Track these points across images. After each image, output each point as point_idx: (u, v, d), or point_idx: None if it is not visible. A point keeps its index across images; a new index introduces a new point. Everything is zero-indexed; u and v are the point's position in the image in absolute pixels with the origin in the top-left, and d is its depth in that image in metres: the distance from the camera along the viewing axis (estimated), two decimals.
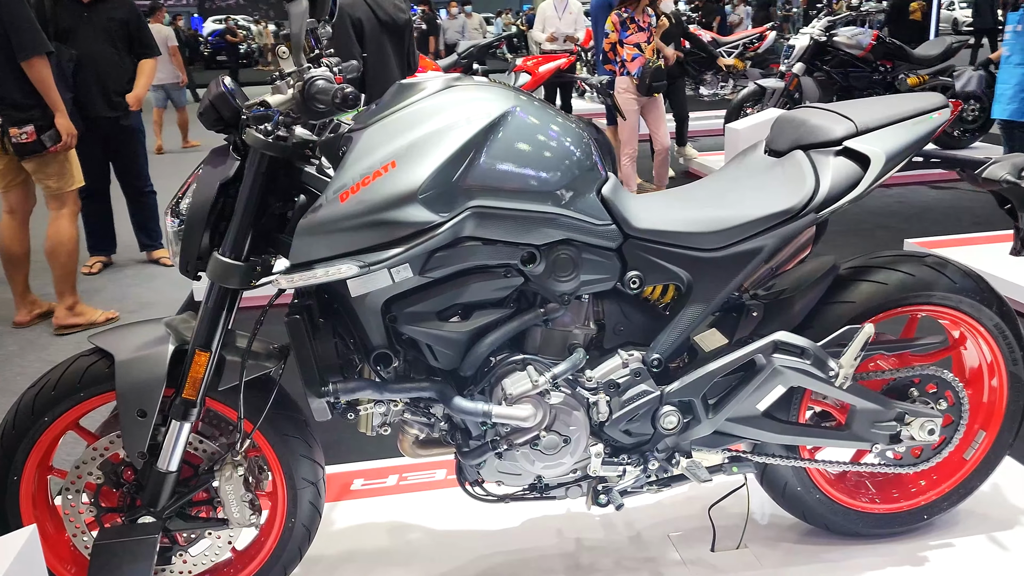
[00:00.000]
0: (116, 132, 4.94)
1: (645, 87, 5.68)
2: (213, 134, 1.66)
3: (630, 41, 5.71)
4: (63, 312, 4.27)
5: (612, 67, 5.86)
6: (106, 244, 5.32)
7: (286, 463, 1.88)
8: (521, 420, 1.74)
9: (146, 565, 1.70)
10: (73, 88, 4.57)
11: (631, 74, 5.72)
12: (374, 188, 1.58)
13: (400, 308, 1.71)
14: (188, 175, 1.74)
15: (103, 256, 5.33)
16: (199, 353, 1.70)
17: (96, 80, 4.75)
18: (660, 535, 2.23)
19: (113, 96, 4.82)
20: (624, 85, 5.80)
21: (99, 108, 4.77)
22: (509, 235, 1.68)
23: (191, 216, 1.65)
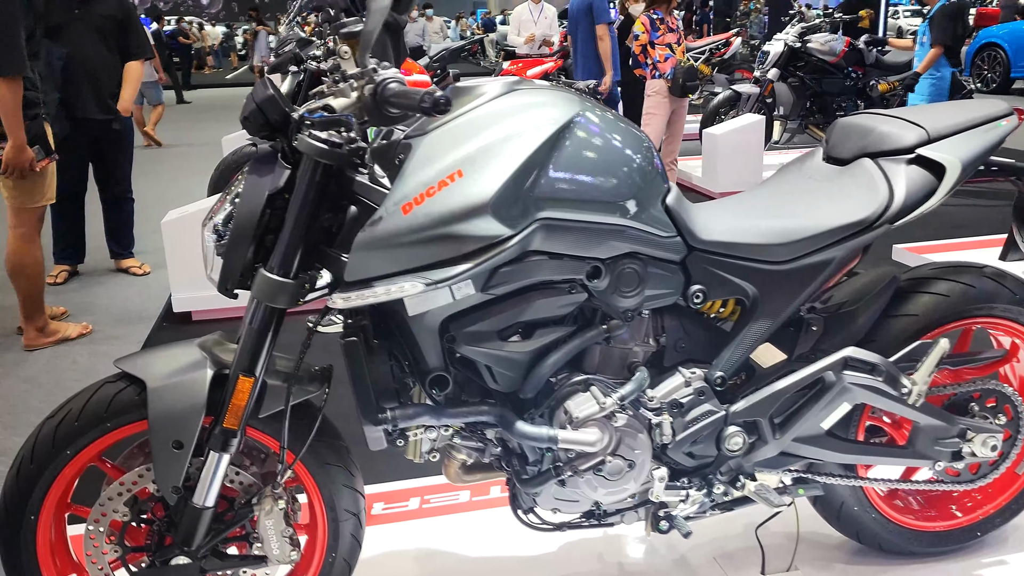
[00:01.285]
0: (106, 135, 4.71)
1: (679, 88, 5.59)
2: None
3: (661, 42, 5.62)
4: (33, 333, 4.02)
5: (642, 71, 5.76)
6: (74, 253, 5.06)
7: (327, 494, 1.75)
8: (588, 445, 1.64)
9: None
10: (61, 88, 4.34)
11: (664, 76, 5.63)
12: (440, 199, 1.47)
13: (459, 327, 1.60)
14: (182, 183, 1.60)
15: (69, 265, 5.07)
16: (242, 379, 1.57)
17: (88, 80, 4.53)
18: (705, 557, 2.15)
19: (107, 98, 4.59)
20: (656, 88, 5.69)
21: (90, 110, 4.55)
22: (576, 248, 1.58)
23: (237, 230, 1.51)
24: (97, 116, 4.60)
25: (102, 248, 5.28)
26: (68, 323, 4.21)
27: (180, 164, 9.19)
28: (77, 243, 5.02)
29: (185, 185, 7.97)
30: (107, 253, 5.27)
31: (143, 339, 4.16)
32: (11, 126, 3.55)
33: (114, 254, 5.22)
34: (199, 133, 11.42)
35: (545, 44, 8.04)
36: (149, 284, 5.07)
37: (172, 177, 8.42)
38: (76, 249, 5.03)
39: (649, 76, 5.72)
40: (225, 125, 10.59)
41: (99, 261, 5.29)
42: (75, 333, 4.16)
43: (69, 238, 4.96)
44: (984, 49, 12.71)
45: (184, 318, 4.37)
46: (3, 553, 1.63)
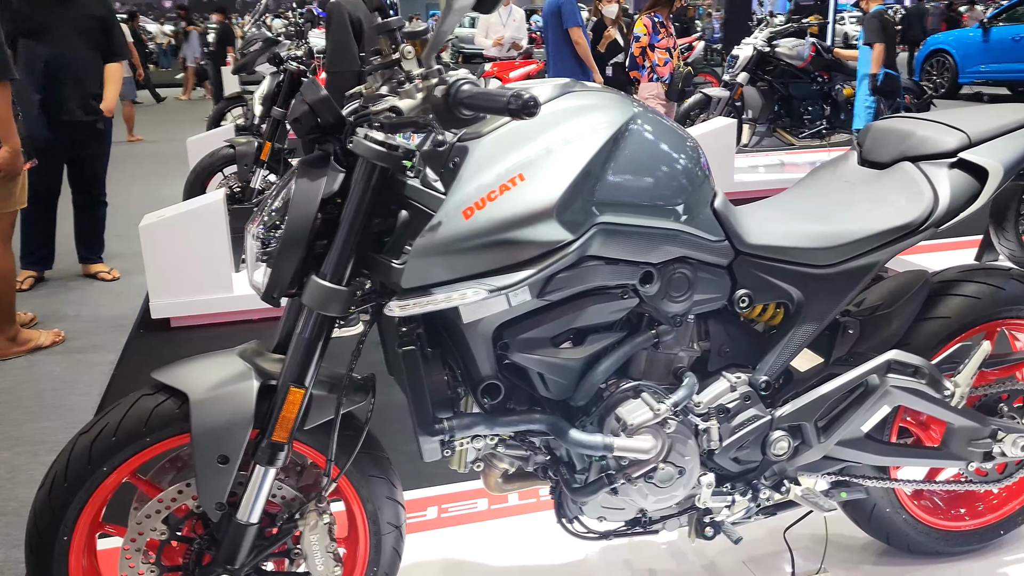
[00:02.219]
0: (87, 136, 4.55)
1: (676, 92, 5.61)
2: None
3: (661, 46, 5.62)
4: (4, 343, 3.86)
5: (637, 73, 5.74)
6: (43, 258, 4.87)
7: (371, 507, 1.70)
8: (643, 452, 1.62)
9: None
10: (43, 89, 4.18)
11: (662, 79, 5.63)
12: (503, 204, 1.44)
13: (513, 334, 1.56)
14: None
15: (36, 271, 4.88)
16: (293, 390, 1.51)
17: (71, 81, 4.37)
18: (734, 562, 2.15)
19: (90, 99, 4.44)
20: (652, 91, 5.69)
21: (74, 112, 4.40)
22: (631, 253, 1.56)
23: (289, 235, 1.46)
24: (81, 117, 4.45)
25: (69, 253, 5.11)
26: (40, 331, 4.05)
27: (144, 166, 8.96)
28: (47, 248, 4.84)
29: (153, 187, 7.78)
30: (74, 258, 5.10)
31: (121, 347, 4.03)
32: (6, 131, 3.41)
33: (83, 259, 5.05)
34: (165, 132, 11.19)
35: (514, 47, 8.03)
36: (119, 290, 4.91)
37: (137, 179, 8.20)
38: (45, 255, 4.85)
39: (646, 79, 5.73)
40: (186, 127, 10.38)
41: (67, 267, 5.12)
42: (48, 341, 4.00)
43: (38, 243, 4.77)
44: (933, 55, 13.09)
45: (162, 325, 4.25)
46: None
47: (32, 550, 1.54)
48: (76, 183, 4.82)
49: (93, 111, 4.54)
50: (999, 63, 12.06)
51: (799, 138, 7.28)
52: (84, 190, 4.83)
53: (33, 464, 2.95)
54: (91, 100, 4.53)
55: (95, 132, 4.61)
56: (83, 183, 4.82)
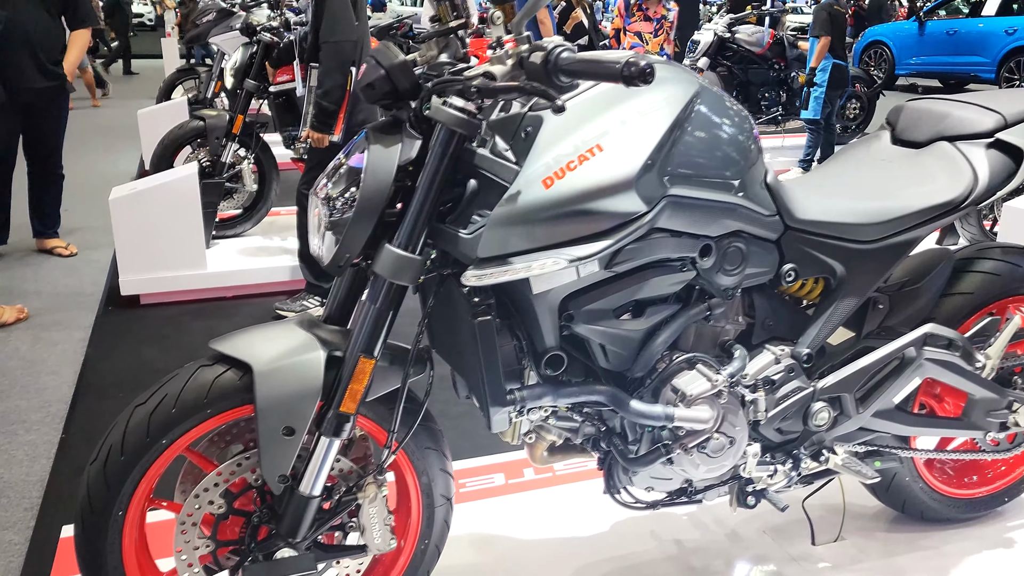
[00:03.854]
0: (43, 104, 4.34)
1: None
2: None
3: (632, 28, 5.53)
4: None
5: None
6: None
7: (425, 479, 1.69)
8: (702, 422, 1.65)
9: None
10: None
11: None
12: (582, 174, 1.43)
13: (578, 305, 1.57)
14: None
15: None
16: (363, 360, 1.48)
17: (26, 47, 4.15)
18: (755, 531, 2.21)
19: (47, 64, 4.22)
20: None
21: (29, 78, 4.18)
22: (695, 226, 1.58)
23: (364, 202, 1.43)
24: (38, 84, 4.25)
25: (23, 227, 4.88)
26: (3, 307, 3.87)
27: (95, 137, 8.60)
28: (1, 221, 4.60)
29: (104, 160, 7.49)
30: (28, 233, 4.88)
31: (89, 324, 3.88)
32: None
33: (37, 233, 4.83)
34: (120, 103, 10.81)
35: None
36: (77, 265, 4.73)
37: (87, 151, 7.87)
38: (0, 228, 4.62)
39: None
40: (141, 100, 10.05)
41: (20, 241, 4.89)
42: (12, 318, 3.83)
43: None
44: (871, 47, 13.49)
45: (131, 301, 4.11)
46: (85, 556, 1.49)
47: (84, 527, 1.48)
48: (32, 155, 4.60)
49: (54, 76, 4.33)
50: (933, 56, 12.51)
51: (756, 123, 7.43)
52: (40, 162, 4.62)
53: (13, 444, 2.83)
54: (49, 66, 4.33)
55: (54, 100, 4.41)
56: (39, 155, 4.60)
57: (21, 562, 2.22)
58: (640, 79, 1.18)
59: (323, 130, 3.56)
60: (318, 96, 3.51)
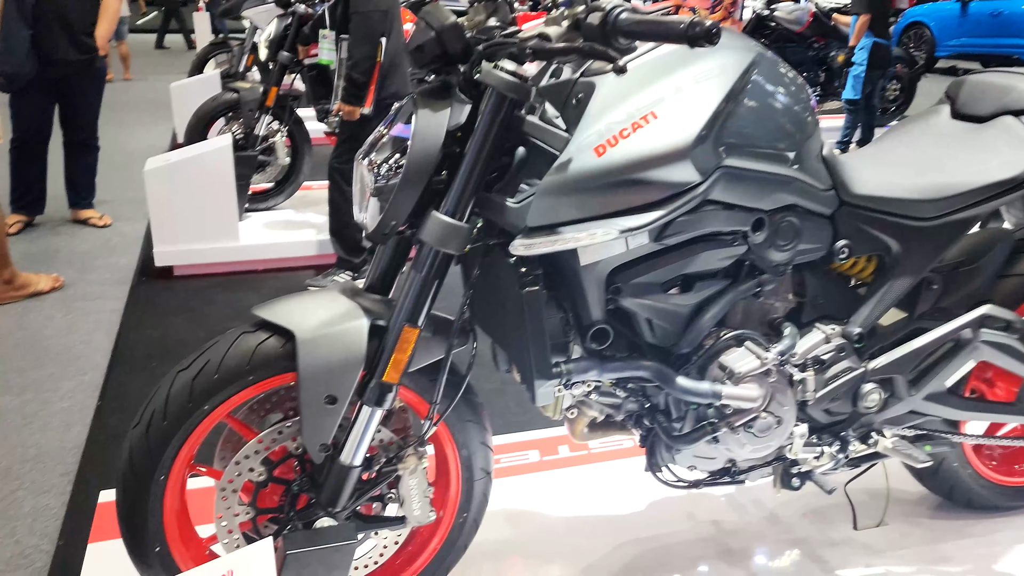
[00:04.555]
0: (79, 76, 4.34)
1: None
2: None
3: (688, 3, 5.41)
4: (0, 286, 3.69)
5: None
6: (32, 202, 4.65)
7: (465, 453, 1.67)
8: (750, 400, 1.61)
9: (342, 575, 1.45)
10: (32, 25, 3.96)
11: None
12: (636, 142, 1.39)
13: (626, 278, 1.53)
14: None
15: (26, 215, 4.66)
16: (407, 329, 1.46)
17: (59, 20, 4.15)
18: (795, 514, 2.17)
19: (81, 36, 4.22)
20: None
21: (63, 51, 4.18)
22: (748, 199, 1.53)
23: (411, 168, 1.39)
24: (72, 57, 4.25)
25: (58, 198, 4.91)
26: (39, 275, 3.89)
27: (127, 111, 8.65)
28: (36, 192, 4.62)
29: (137, 133, 7.53)
30: (63, 203, 4.91)
31: (123, 295, 3.90)
32: None
33: (73, 204, 4.86)
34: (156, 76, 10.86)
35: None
36: (111, 236, 4.75)
37: (121, 124, 7.92)
38: (35, 199, 4.64)
39: None
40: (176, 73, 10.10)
41: (55, 211, 4.92)
42: (47, 286, 3.85)
43: (28, 187, 4.55)
44: (911, 28, 13.18)
45: (164, 272, 4.13)
46: (127, 519, 1.49)
47: (126, 490, 1.48)
48: (67, 126, 4.62)
49: (86, 49, 4.34)
50: (975, 37, 12.20)
51: None
52: (75, 133, 4.63)
53: (46, 411, 2.85)
54: (82, 38, 4.33)
55: (88, 72, 4.41)
56: (75, 126, 4.62)
57: (58, 526, 2.24)
58: (706, 39, 1.13)
59: (353, 102, 3.53)
60: (348, 68, 3.48)
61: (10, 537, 2.20)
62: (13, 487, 2.42)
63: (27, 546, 2.17)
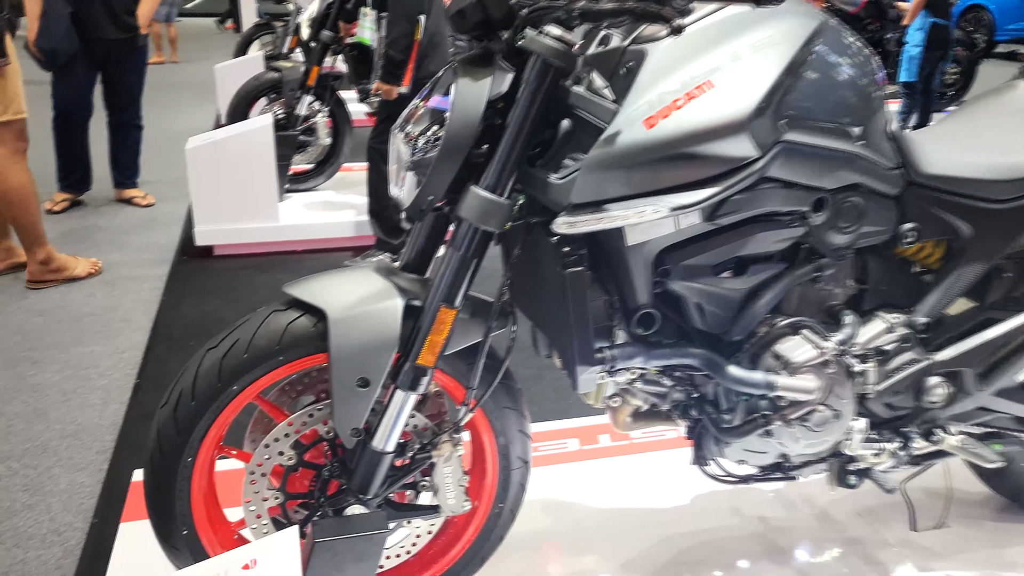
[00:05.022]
0: (121, 55, 4.35)
1: None
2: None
3: None
4: (36, 268, 3.62)
5: None
6: (78, 181, 4.66)
7: (502, 440, 1.60)
8: (807, 392, 1.51)
9: (372, 565, 1.39)
10: (73, 3, 3.97)
11: None
12: (690, 113, 1.30)
13: (675, 260, 1.44)
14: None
15: (73, 194, 4.68)
16: (444, 310, 1.39)
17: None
18: (848, 512, 2.06)
19: (122, 15, 4.22)
20: None
21: (104, 29, 4.18)
22: (809, 177, 1.43)
23: (450, 140, 1.32)
24: (113, 36, 4.25)
25: (100, 179, 4.94)
26: (76, 259, 3.82)
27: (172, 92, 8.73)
28: (82, 170, 4.63)
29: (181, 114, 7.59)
30: (106, 184, 4.94)
31: (164, 273, 3.91)
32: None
33: (117, 183, 4.89)
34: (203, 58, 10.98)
35: None
36: (154, 216, 4.77)
37: (166, 105, 7.99)
38: (80, 177, 4.65)
39: None
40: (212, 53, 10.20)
41: (99, 191, 4.95)
42: (84, 272, 3.77)
43: (74, 165, 4.56)
44: (970, 10, 12.73)
45: (204, 252, 4.12)
46: (154, 501, 1.45)
47: (153, 471, 1.43)
48: (111, 105, 4.63)
49: (128, 28, 4.33)
50: None
51: None
52: (119, 112, 4.64)
53: (87, 388, 2.86)
54: (123, 16, 4.32)
55: (130, 51, 4.41)
56: (118, 105, 4.63)
57: (93, 504, 2.23)
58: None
59: (391, 81, 3.48)
60: (386, 45, 3.42)
61: (46, 513, 2.19)
62: (50, 463, 2.42)
63: (61, 523, 2.16)
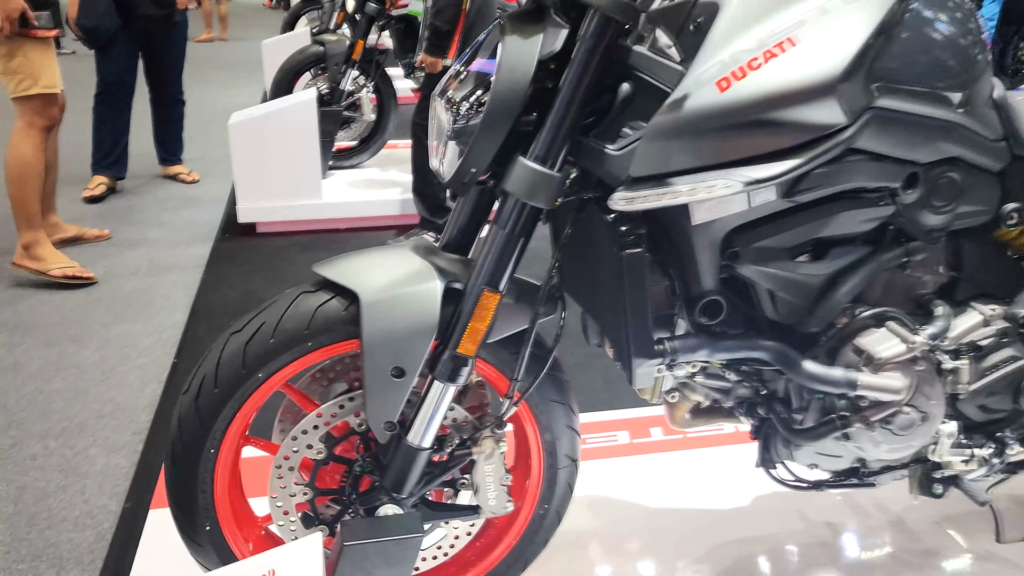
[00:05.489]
0: (160, 31, 4.30)
1: None
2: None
3: None
4: (19, 249, 3.37)
5: None
6: (115, 163, 4.54)
7: (548, 437, 1.47)
8: (892, 392, 1.35)
9: (405, 571, 1.27)
10: None
11: None
12: (769, 74, 1.14)
13: (746, 241, 1.29)
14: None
15: (108, 177, 4.53)
16: (487, 295, 1.26)
17: None
18: (925, 520, 1.89)
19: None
20: None
21: (143, 5, 4.13)
22: (901, 149, 1.26)
23: (495, 105, 1.18)
24: (149, 11, 4.18)
25: (144, 156, 4.90)
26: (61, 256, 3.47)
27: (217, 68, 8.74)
28: (120, 151, 4.54)
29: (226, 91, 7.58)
30: (149, 162, 4.91)
31: (205, 251, 3.86)
32: None
33: (162, 160, 4.86)
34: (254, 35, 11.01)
35: None
36: (198, 194, 4.74)
37: (210, 82, 7.99)
38: (118, 158, 4.54)
39: None
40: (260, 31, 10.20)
41: (142, 168, 4.92)
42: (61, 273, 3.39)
43: (112, 143, 4.48)
44: None
45: (247, 230, 4.06)
46: (175, 494, 1.35)
47: (174, 463, 1.33)
48: (153, 82, 4.59)
49: (166, 4, 4.27)
50: None
51: None
52: (161, 89, 4.59)
53: (125, 367, 2.80)
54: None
55: (169, 27, 4.35)
56: (159, 82, 4.58)
57: (126, 487, 2.16)
58: None
59: (436, 53, 3.36)
60: (431, 16, 3.30)
61: (80, 495, 2.14)
62: (87, 443, 2.37)
63: (95, 506, 2.10)
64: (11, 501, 2.12)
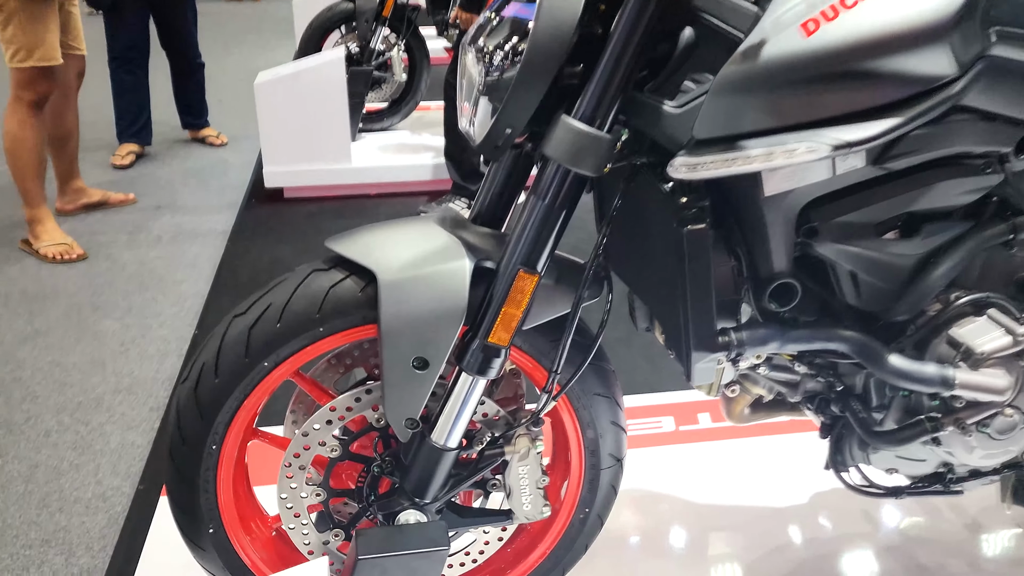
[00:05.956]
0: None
1: None
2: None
3: None
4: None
5: None
6: (141, 129, 4.46)
7: (591, 434, 1.31)
8: (994, 392, 1.17)
9: None
10: None
11: None
12: (865, 15, 0.95)
13: (827, 216, 1.10)
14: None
15: (136, 144, 4.44)
16: (523, 275, 1.09)
17: None
18: (1004, 524, 1.71)
19: None
20: None
21: None
22: (1016, 107, 1.06)
23: (534, 55, 1.00)
24: None
25: (167, 122, 4.78)
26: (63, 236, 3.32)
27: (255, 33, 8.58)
28: (144, 117, 4.45)
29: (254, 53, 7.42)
30: (173, 128, 4.78)
31: (231, 218, 3.73)
32: None
33: (188, 125, 4.74)
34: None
35: None
36: (226, 158, 4.61)
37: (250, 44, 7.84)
38: (143, 125, 4.45)
39: None
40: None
41: (167, 134, 4.80)
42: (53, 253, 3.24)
43: (134, 114, 4.38)
44: None
45: (274, 196, 3.92)
46: (175, 494, 1.22)
47: (174, 459, 1.20)
48: (168, 47, 4.46)
49: None
50: None
51: None
52: (177, 53, 4.46)
53: (146, 339, 2.70)
54: None
55: None
56: (175, 47, 4.45)
57: (141, 467, 2.06)
58: None
59: (471, 8, 3.17)
60: None
61: (93, 476, 2.04)
62: (103, 419, 2.27)
63: (108, 487, 2.00)
64: (23, 480, 2.02)
